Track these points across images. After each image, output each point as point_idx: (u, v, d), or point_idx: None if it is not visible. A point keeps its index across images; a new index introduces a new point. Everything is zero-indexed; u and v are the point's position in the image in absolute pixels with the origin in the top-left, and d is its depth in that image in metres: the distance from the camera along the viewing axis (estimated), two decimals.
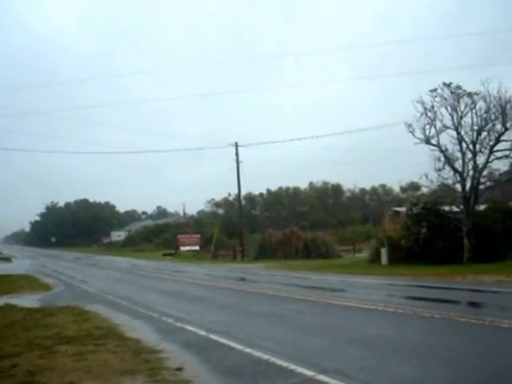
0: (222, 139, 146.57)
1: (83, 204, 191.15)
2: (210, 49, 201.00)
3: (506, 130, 37.04)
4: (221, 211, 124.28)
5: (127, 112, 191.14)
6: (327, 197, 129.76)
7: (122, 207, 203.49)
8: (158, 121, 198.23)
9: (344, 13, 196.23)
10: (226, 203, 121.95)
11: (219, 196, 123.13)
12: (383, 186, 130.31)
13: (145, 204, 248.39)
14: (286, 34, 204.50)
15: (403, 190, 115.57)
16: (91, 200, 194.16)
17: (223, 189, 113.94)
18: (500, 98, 36.81)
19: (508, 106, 36.68)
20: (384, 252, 41.59)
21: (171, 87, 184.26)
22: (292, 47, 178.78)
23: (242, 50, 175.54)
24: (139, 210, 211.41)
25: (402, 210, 48.10)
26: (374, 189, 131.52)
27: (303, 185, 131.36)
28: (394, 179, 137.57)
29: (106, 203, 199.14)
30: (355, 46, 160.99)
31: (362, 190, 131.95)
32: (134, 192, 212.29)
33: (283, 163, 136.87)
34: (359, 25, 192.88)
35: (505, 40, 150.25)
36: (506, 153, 38.27)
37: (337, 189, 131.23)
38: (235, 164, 67.48)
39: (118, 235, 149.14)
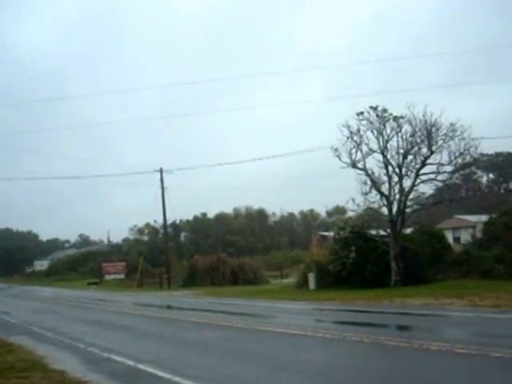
0: (171, 164, 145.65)
1: (5, 233, 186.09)
2: (169, 71, 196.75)
3: (432, 153, 37.44)
4: (145, 238, 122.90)
5: (51, 138, 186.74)
6: (254, 222, 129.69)
7: (44, 236, 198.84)
8: (101, 147, 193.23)
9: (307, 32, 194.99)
10: (150, 230, 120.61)
11: (145, 223, 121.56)
12: (311, 211, 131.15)
13: (68, 232, 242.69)
14: (252, 55, 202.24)
15: (330, 214, 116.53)
16: (13, 229, 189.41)
17: (149, 216, 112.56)
18: (425, 122, 37.25)
19: (433, 130, 37.10)
20: (312, 277, 41.48)
21: (112, 111, 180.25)
22: (258, 68, 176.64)
23: (205, 71, 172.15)
24: (62, 239, 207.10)
25: (330, 234, 48.21)
26: (302, 213, 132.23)
27: (230, 210, 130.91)
28: (322, 204, 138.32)
29: (29, 232, 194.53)
30: (317, 68, 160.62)
31: (290, 215, 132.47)
32: (57, 220, 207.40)
33: (214, 189, 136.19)
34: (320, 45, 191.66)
35: None
36: (432, 176, 38.70)
37: (262, 214, 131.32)
38: (161, 190, 66.84)
39: (41, 264, 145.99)
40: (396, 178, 38.60)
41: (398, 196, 38.59)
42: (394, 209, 38.58)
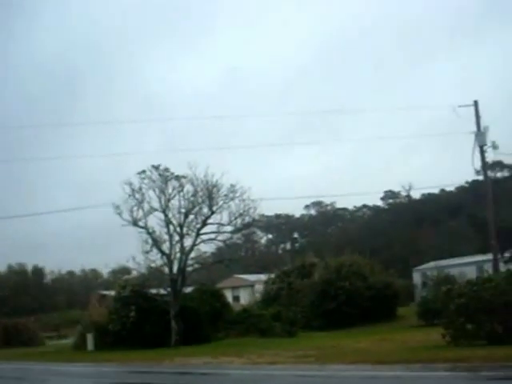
0: None
1: None
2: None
3: (213, 213, 38.05)
4: None
5: None
6: (28, 280, 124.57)
7: None
8: None
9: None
10: None
11: None
12: (93, 269, 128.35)
13: None
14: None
15: (114, 273, 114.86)
16: None
17: None
18: (207, 182, 37.85)
19: (214, 190, 37.79)
20: (90, 337, 40.26)
21: None
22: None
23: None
24: None
25: (111, 293, 47.32)
26: (83, 272, 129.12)
27: (4, 267, 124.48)
28: (105, 262, 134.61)
29: None
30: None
31: (70, 273, 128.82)
32: None
33: None
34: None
35: None
36: (213, 236, 39.29)
37: (38, 272, 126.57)
38: None
39: None
40: (177, 237, 38.73)
41: (178, 255, 38.68)
42: (175, 268, 38.58)
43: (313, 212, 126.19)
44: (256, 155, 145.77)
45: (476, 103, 36.84)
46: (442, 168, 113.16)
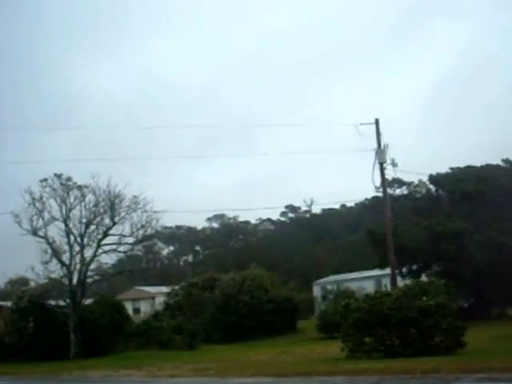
0: None
1: None
2: None
3: (115, 224, 37.73)
4: None
5: None
6: None
7: None
8: None
9: None
10: None
11: None
12: None
13: None
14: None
15: (12, 283, 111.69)
16: None
17: None
18: (109, 192, 37.48)
19: (117, 201, 37.49)
20: None
21: None
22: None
23: None
24: None
25: (8, 304, 46.11)
26: None
27: None
28: (2, 271, 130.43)
29: None
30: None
31: None
32: None
33: None
34: None
35: None
36: (114, 247, 38.92)
37: None
38: None
39: None
40: (78, 248, 38.14)
41: (79, 266, 38.09)
42: (75, 279, 37.92)
43: (215, 225, 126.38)
44: (163, 167, 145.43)
45: (377, 121, 37.41)
46: (345, 184, 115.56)
